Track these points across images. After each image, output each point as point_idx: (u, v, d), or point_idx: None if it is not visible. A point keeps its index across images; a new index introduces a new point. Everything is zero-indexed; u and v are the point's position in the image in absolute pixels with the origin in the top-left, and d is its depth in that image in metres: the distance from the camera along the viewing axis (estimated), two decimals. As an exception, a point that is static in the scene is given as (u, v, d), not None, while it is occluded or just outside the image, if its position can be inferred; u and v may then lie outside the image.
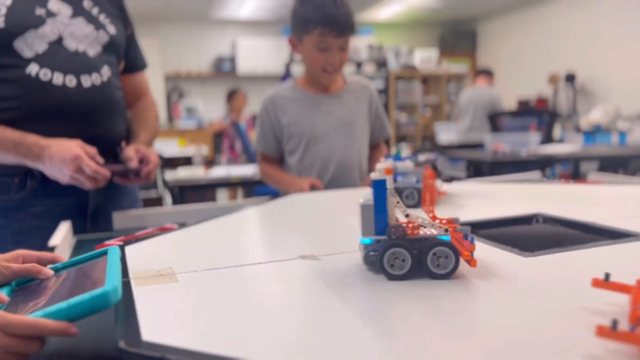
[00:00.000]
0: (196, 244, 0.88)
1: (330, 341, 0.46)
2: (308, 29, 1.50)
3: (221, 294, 0.60)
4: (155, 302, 0.58)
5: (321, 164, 1.61)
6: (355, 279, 0.63)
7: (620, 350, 0.41)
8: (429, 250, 0.59)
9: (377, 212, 0.61)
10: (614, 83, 6.75)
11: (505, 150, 3.60)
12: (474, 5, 8.52)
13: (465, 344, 0.44)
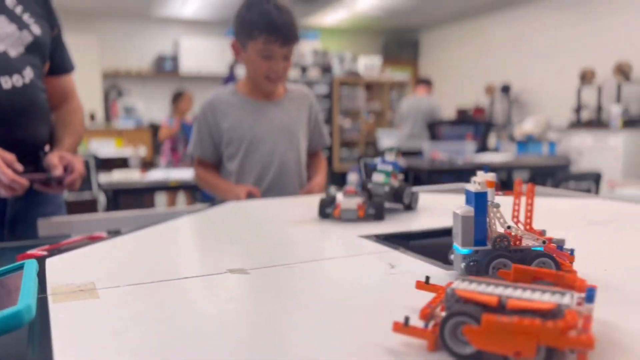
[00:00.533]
0: (123, 255, 0.85)
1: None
2: (252, 35, 1.48)
3: (144, 312, 0.58)
4: (72, 321, 0.55)
5: (261, 170, 1.60)
6: (281, 293, 0.63)
7: (415, 344, 0.46)
8: (532, 261, 0.59)
9: (478, 224, 0.61)
10: (545, 95, 7.12)
11: (442, 159, 3.71)
12: (416, 15, 8.75)
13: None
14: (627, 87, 5.79)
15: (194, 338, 0.50)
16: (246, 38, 1.51)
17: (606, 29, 6.19)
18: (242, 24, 1.51)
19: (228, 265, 0.75)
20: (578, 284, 0.48)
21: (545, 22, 7.09)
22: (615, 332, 0.49)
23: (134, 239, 0.95)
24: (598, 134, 5.66)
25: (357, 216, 1.03)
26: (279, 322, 0.54)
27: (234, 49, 1.58)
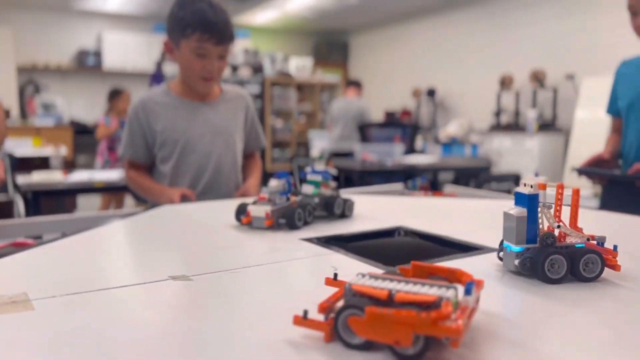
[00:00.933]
0: (55, 263, 0.81)
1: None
2: (186, 33, 1.46)
3: (85, 323, 0.56)
4: (6, 335, 0.52)
5: (196, 172, 1.57)
6: (227, 300, 0.63)
7: (315, 336, 0.49)
8: (582, 257, 0.66)
9: (530, 223, 0.67)
10: (468, 99, 7.45)
11: (373, 160, 3.80)
12: (346, 18, 8.90)
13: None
14: (541, 93, 6.18)
15: (137, 348, 0.50)
16: (179, 36, 1.48)
17: (523, 38, 6.58)
18: (174, 22, 1.48)
19: (169, 271, 0.74)
20: (464, 279, 0.52)
21: (468, 30, 7.43)
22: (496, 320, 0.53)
23: (66, 245, 0.92)
24: (516, 137, 6.01)
25: (264, 225, 1.00)
26: (224, 329, 0.54)
27: (167, 47, 1.55)
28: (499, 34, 6.94)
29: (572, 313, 0.58)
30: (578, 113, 5.54)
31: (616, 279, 0.68)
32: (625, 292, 0.64)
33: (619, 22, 5.41)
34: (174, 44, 1.51)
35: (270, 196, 1.03)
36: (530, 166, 5.67)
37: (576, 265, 0.66)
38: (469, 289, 0.48)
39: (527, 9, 6.51)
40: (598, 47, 5.62)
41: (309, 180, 1.12)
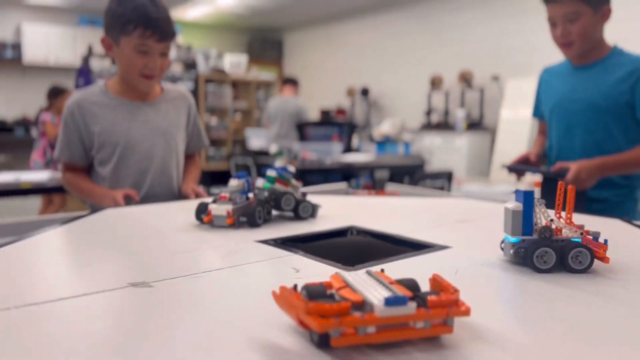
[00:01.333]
0: (21, 265, 0.77)
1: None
2: (127, 30, 1.41)
3: (36, 339, 0.54)
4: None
5: (138, 175, 1.52)
6: (195, 304, 0.62)
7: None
8: (571, 251, 0.72)
9: (525, 217, 0.73)
10: (400, 98, 7.65)
11: (312, 159, 3.83)
12: (280, 16, 8.88)
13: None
14: (469, 93, 6.45)
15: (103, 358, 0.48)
16: (119, 33, 1.43)
17: (451, 40, 6.83)
18: (114, 18, 1.43)
19: (128, 278, 0.72)
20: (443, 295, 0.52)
21: (399, 31, 7.63)
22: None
23: (8, 252, 0.86)
24: (446, 136, 6.24)
25: (226, 223, 1.02)
26: (192, 335, 0.53)
27: (105, 44, 1.48)
28: (428, 35, 7.17)
29: (553, 298, 0.63)
30: (503, 112, 5.84)
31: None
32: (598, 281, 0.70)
33: (540, 26, 5.74)
34: (113, 41, 1.46)
35: (231, 195, 1.05)
36: (460, 163, 5.92)
37: (566, 258, 0.72)
38: (390, 302, 0.47)
39: (455, 12, 6.77)
40: (520, 50, 5.94)
41: (267, 175, 1.13)
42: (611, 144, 1.55)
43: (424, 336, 0.50)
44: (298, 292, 0.51)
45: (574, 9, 1.50)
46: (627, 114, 1.53)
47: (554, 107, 1.68)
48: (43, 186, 2.59)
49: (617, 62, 1.57)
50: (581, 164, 1.46)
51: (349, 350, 0.48)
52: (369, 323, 0.47)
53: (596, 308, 0.61)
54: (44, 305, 0.62)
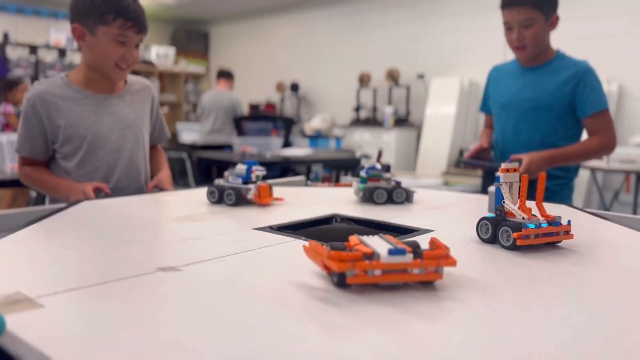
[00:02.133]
0: (32, 256, 0.77)
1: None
2: (106, 20, 1.40)
3: (109, 313, 0.57)
4: (44, 330, 0.51)
5: (107, 169, 1.50)
6: (227, 285, 0.67)
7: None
8: (500, 227, 0.85)
9: (497, 198, 0.88)
10: (329, 94, 7.80)
11: (252, 152, 3.85)
12: (206, 8, 8.74)
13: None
14: (396, 90, 6.71)
15: (177, 327, 0.53)
16: (97, 23, 1.41)
17: (378, 38, 7.07)
18: (91, 7, 1.40)
19: (153, 264, 0.75)
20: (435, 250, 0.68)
21: (327, 28, 7.77)
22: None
23: (22, 240, 0.86)
24: (374, 131, 6.46)
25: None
26: (244, 303, 0.59)
27: (77, 33, 1.45)
28: (356, 33, 7.37)
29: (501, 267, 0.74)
30: (428, 110, 6.13)
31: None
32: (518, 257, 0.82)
33: (463, 29, 6.11)
34: (88, 30, 1.43)
35: (228, 175, 1.24)
36: (388, 158, 6.15)
37: (497, 233, 0.86)
38: (392, 252, 0.63)
39: (381, 11, 7.01)
40: (444, 51, 6.27)
41: (360, 177, 1.33)
42: (554, 139, 1.73)
43: (419, 280, 0.65)
44: (324, 245, 0.67)
45: (529, 15, 1.66)
46: (569, 112, 1.72)
47: (504, 104, 1.84)
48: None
49: (560, 65, 1.75)
50: (532, 156, 1.63)
51: (362, 287, 0.64)
52: (375, 267, 0.63)
53: (545, 267, 0.73)
54: (92, 288, 0.64)
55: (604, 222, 1.11)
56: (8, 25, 7.22)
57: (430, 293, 0.64)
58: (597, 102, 1.71)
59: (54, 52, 6.00)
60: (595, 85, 1.71)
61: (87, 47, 1.46)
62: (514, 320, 0.57)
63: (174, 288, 0.66)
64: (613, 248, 0.91)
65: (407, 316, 0.57)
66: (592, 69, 1.74)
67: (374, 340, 0.51)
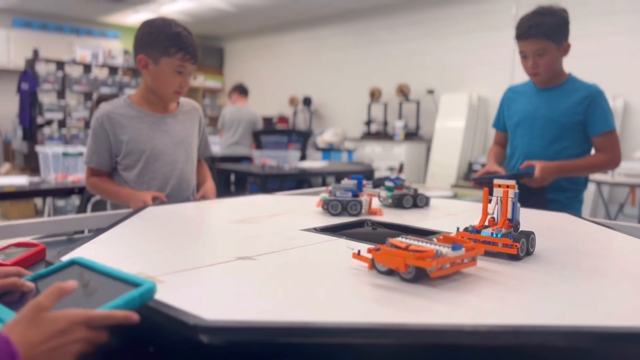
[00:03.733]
0: (131, 249, 0.97)
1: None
2: (169, 53, 1.61)
3: (206, 291, 0.77)
4: (189, 294, 0.71)
5: (162, 180, 1.71)
6: (301, 268, 0.87)
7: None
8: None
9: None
10: (341, 109, 8.02)
11: (272, 164, 4.06)
12: (221, 25, 9.01)
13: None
14: (406, 105, 6.92)
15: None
16: (161, 55, 1.62)
17: (389, 55, 7.29)
18: (157, 41, 1.62)
19: (232, 254, 0.95)
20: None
21: (339, 44, 8.01)
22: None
23: (114, 237, 1.06)
24: (385, 144, 6.66)
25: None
26: (311, 288, 0.79)
27: (141, 63, 1.66)
28: (366, 50, 7.60)
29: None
30: (437, 124, 6.33)
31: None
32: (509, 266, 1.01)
33: (471, 46, 6.33)
34: (152, 61, 1.64)
35: (333, 189, 1.42)
36: (399, 170, 6.34)
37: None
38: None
39: (391, 29, 7.24)
40: (453, 68, 6.48)
41: (386, 186, 1.57)
42: (565, 155, 1.91)
43: (467, 267, 0.85)
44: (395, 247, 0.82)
45: (542, 46, 1.85)
46: (580, 130, 1.91)
47: (519, 122, 2.03)
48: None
49: (572, 87, 1.94)
50: (544, 163, 1.81)
51: (429, 280, 0.80)
52: (447, 261, 0.79)
53: (531, 270, 0.92)
54: (192, 270, 0.84)
55: (607, 231, 1.30)
56: (33, 42, 7.53)
57: (465, 275, 0.84)
58: (606, 123, 1.89)
59: (79, 68, 6.27)
60: (605, 107, 1.90)
61: (150, 75, 1.67)
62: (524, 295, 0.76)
63: (254, 271, 0.86)
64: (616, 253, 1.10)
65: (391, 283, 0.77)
66: (603, 92, 1.92)
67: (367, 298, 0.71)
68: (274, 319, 0.63)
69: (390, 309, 0.69)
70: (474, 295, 0.75)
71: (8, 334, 0.55)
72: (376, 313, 0.68)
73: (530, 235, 0.99)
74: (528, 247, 0.98)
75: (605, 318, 0.68)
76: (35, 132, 5.81)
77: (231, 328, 0.62)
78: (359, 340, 0.62)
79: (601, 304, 0.74)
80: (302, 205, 1.57)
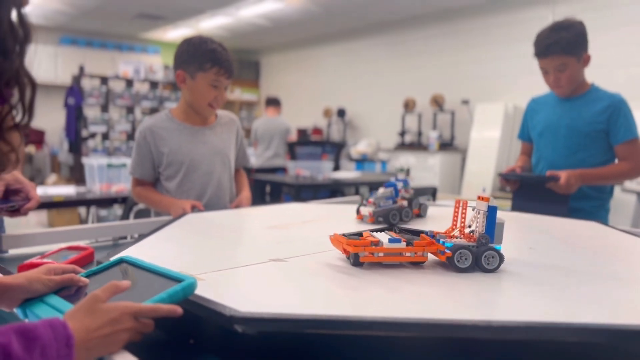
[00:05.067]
0: (173, 251, 1.05)
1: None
2: (205, 68, 1.72)
3: (274, 281, 0.83)
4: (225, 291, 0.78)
5: (200, 188, 1.80)
6: (323, 271, 0.93)
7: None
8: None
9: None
10: (375, 119, 8.07)
11: (305, 175, 4.14)
12: (258, 39, 9.23)
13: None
14: (441, 115, 6.92)
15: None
16: (197, 70, 1.73)
17: (423, 66, 7.32)
18: (193, 57, 1.73)
19: (265, 256, 1.01)
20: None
21: (372, 56, 8.08)
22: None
23: (155, 242, 1.14)
24: (419, 155, 6.66)
25: (369, 222, 1.42)
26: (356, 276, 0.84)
27: (180, 78, 1.77)
28: (401, 61, 7.64)
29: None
30: (473, 134, 6.30)
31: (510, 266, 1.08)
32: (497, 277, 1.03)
33: (506, 55, 6.29)
34: (189, 75, 1.75)
35: (375, 200, 1.43)
36: (433, 181, 6.33)
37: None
38: (392, 240, 0.93)
39: (425, 40, 7.26)
40: (488, 78, 6.45)
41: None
42: (589, 163, 1.92)
43: (410, 261, 0.94)
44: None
45: (562, 61, 1.88)
46: (603, 138, 1.92)
47: (542, 131, 2.05)
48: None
49: (595, 97, 1.95)
50: (569, 172, 1.83)
51: (371, 265, 0.94)
52: (379, 250, 0.93)
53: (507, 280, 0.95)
54: (229, 270, 0.91)
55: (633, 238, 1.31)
56: (79, 58, 7.89)
57: (417, 269, 0.94)
58: (629, 131, 1.89)
59: (122, 83, 6.53)
60: (628, 116, 1.90)
61: (187, 89, 1.78)
62: (469, 286, 0.80)
63: (285, 271, 0.93)
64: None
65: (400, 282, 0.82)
66: (626, 101, 1.92)
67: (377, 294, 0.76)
68: (300, 312, 0.69)
69: (409, 304, 0.74)
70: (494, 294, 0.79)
71: (67, 320, 0.63)
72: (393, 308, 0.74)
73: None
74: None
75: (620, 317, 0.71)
76: (80, 144, 6.08)
77: (263, 319, 0.68)
78: (378, 333, 0.67)
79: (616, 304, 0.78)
80: (332, 212, 1.63)
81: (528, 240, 1.24)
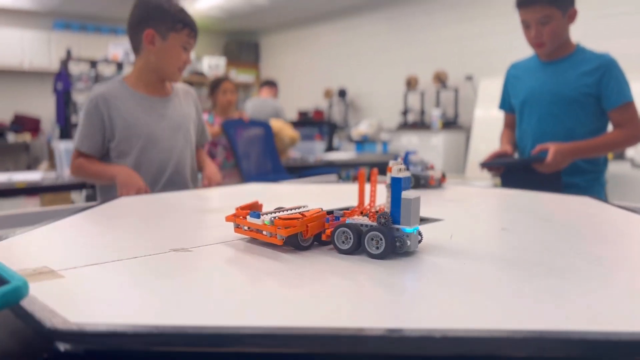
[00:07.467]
0: (64, 240, 0.86)
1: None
2: (176, 28, 1.55)
3: (132, 280, 0.64)
4: (60, 295, 0.58)
5: (158, 167, 1.61)
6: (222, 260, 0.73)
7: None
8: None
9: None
10: (376, 99, 7.82)
11: (296, 157, 3.93)
12: (256, 19, 8.97)
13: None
14: (444, 93, 6.65)
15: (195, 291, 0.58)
16: (169, 29, 1.55)
17: (425, 41, 7.03)
18: (164, 15, 1.54)
19: (171, 245, 0.82)
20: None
21: (373, 32, 7.80)
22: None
23: (64, 226, 0.95)
24: (422, 135, 6.41)
25: None
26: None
27: (149, 38, 1.57)
28: (402, 37, 7.36)
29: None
30: (477, 111, 6.03)
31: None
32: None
33: (511, 28, 5.97)
34: (160, 36, 1.56)
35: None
36: (436, 161, 6.09)
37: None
38: (253, 215, 0.81)
39: (427, 14, 6.97)
40: (492, 51, 6.16)
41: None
42: (579, 133, 1.70)
43: (267, 241, 0.79)
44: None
45: (545, 13, 1.64)
46: (593, 104, 1.69)
47: (525, 100, 1.82)
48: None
49: (581, 58, 1.72)
50: (558, 146, 1.60)
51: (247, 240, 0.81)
52: (245, 224, 0.83)
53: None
54: (108, 264, 0.72)
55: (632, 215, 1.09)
56: (71, 42, 7.69)
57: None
58: (623, 95, 1.67)
59: (112, 66, 6.33)
60: (620, 78, 1.67)
61: (155, 51, 1.58)
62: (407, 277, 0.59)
63: (177, 263, 0.73)
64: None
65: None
66: (616, 61, 1.69)
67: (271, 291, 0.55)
68: (152, 322, 0.49)
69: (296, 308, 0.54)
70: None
71: None
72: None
73: (371, 232, 0.72)
74: (365, 245, 0.73)
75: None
76: (70, 130, 5.90)
77: (96, 333, 0.48)
78: (251, 349, 0.47)
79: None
80: (297, 193, 1.43)
81: (504, 219, 1.03)
